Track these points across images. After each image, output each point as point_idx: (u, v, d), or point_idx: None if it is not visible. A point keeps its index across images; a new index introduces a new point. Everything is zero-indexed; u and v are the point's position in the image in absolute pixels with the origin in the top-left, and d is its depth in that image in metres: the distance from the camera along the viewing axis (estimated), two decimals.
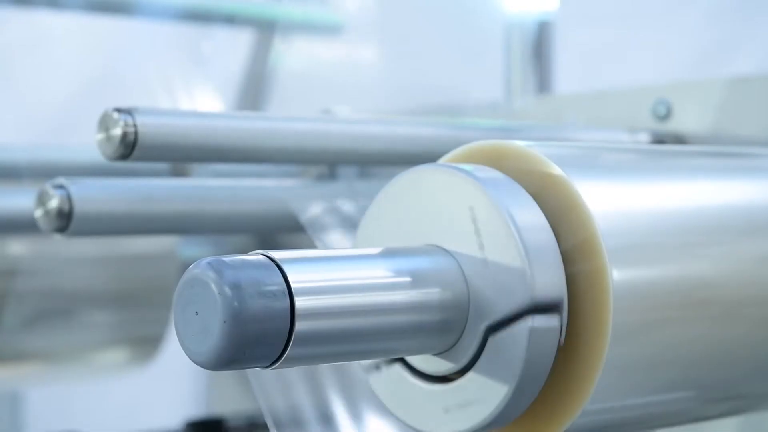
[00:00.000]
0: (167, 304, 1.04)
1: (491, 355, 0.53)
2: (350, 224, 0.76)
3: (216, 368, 0.49)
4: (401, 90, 1.28)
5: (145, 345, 1.06)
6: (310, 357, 0.51)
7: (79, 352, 1.05)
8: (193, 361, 0.50)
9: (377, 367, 0.58)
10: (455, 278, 0.54)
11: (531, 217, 0.54)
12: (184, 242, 1.05)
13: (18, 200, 0.83)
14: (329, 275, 0.51)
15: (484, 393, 0.54)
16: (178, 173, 0.89)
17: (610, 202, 0.56)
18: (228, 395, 1.18)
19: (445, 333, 0.54)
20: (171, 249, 1.03)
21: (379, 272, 0.53)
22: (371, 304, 0.52)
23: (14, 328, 0.97)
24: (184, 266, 1.05)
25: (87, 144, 0.83)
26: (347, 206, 0.77)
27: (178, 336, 0.50)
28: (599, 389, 0.54)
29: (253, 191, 0.78)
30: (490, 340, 0.53)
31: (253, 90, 1.24)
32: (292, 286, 0.50)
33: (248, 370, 0.74)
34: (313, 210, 0.76)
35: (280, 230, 0.82)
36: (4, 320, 0.97)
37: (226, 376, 1.19)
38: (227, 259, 0.49)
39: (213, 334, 0.49)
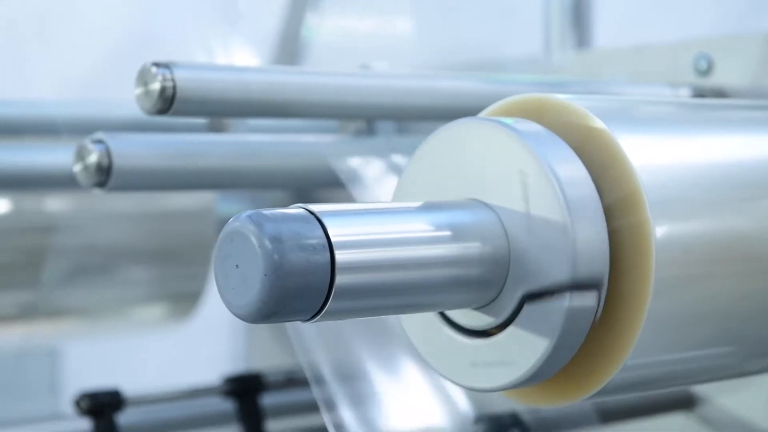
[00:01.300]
0: (205, 261, 1.04)
1: (531, 311, 0.53)
2: (388, 180, 0.76)
3: (256, 321, 0.49)
4: (439, 47, 1.27)
5: (184, 301, 1.06)
6: (350, 311, 0.51)
7: (117, 309, 1.05)
8: (234, 314, 0.50)
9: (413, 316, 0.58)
10: (496, 233, 0.54)
11: (573, 171, 0.54)
12: (222, 198, 1.05)
13: (56, 156, 0.83)
14: (369, 229, 0.51)
15: (522, 349, 0.53)
16: (215, 129, 0.89)
17: (652, 155, 0.56)
18: (266, 351, 1.18)
19: (485, 288, 0.54)
20: (208, 205, 1.03)
21: (420, 226, 0.53)
22: (411, 258, 0.52)
23: (53, 285, 0.98)
24: (222, 222, 1.06)
25: (125, 100, 0.83)
26: (385, 162, 0.77)
27: (218, 289, 0.50)
28: (640, 344, 0.54)
29: (291, 147, 0.78)
30: (531, 298, 0.53)
31: (289, 48, 1.24)
32: (333, 239, 0.49)
33: (288, 325, 0.75)
34: (351, 165, 0.76)
35: (318, 186, 0.82)
36: (43, 276, 0.98)
37: (264, 332, 1.19)
38: (267, 212, 0.49)
39: (253, 287, 0.49)
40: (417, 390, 0.80)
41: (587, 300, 0.53)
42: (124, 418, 0.93)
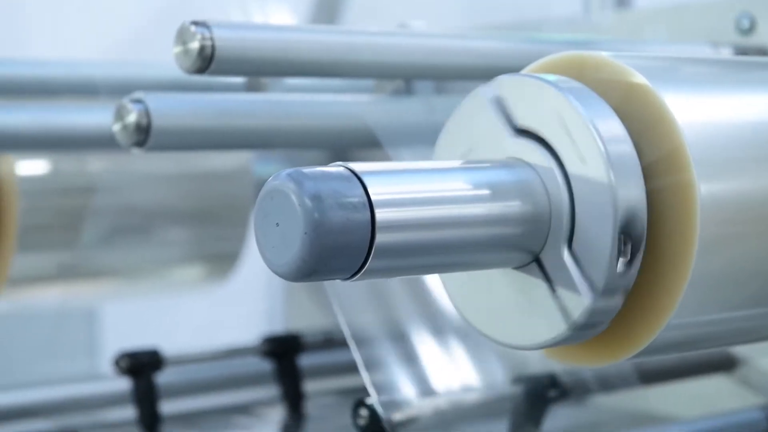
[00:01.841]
0: (243, 222, 1.05)
1: (573, 270, 0.53)
2: (427, 140, 0.75)
3: (296, 279, 0.49)
4: (478, 7, 1.26)
5: (221, 262, 1.06)
6: (390, 270, 0.51)
7: (155, 269, 1.05)
8: (274, 272, 0.50)
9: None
10: (537, 191, 0.53)
11: (614, 129, 0.53)
12: (259, 159, 1.04)
13: (95, 116, 0.83)
14: (409, 187, 0.51)
15: (564, 308, 0.53)
16: (253, 89, 0.88)
17: (695, 113, 0.55)
18: (303, 312, 1.18)
19: (525, 247, 0.54)
20: (246, 166, 1.03)
21: (460, 185, 0.52)
22: (451, 217, 0.51)
23: (92, 245, 0.98)
24: (259, 183, 1.05)
25: (163, 61, 0.83)
26: (423, 121, 0.77)
27: (258, 247, 0.50)
28: (683, 304, 0.53)
29: (329, 106, 0.78)
30: (572, 256, 0.53)
31: (327, 6, 1.23)
32: (373, 198, 0.49)
33: (326, 285, 0.75)
34: (389, 125, 0.76)
35: (356, 146, 0.82)
36: (81, 237, 0.98)
37: (302, 293, 1.19)
38: (307, 170, 0.49)
39: (293, 245, 0.48)
40: (455, 350, 0.80)
41: (628, 258, 0.52)
42: (163, 377, 0.94)
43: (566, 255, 0.53)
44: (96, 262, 1.00)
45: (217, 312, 1.39)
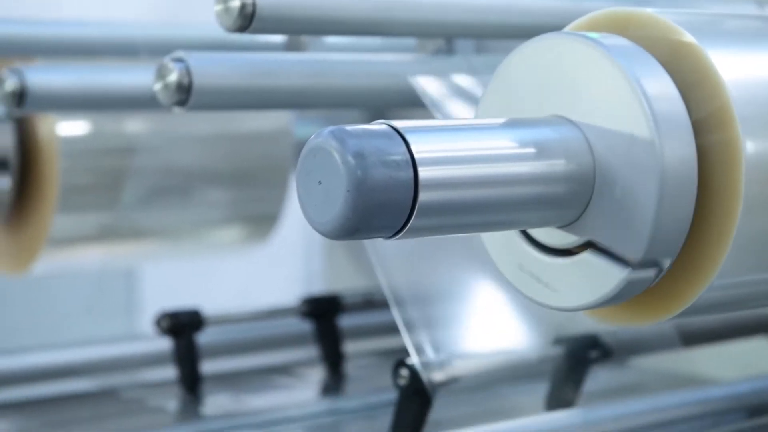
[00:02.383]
0: (282, 183, 1.05)
1: (618, 229, 0.52)
2: (468, 99, 0.75)
3: (339, 238, 0.49)
4: None
5: (261, 223, 1.06)
6: (433, 228, 0.51)
7: (195, 230, 1.06)
8: (317, 231, 0.50)
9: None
10: (581, 150, 0.53)
11: (661, 86, 0.53)
12: (299, 120, 1.04)
13: (136, 76, 0.83)
14: (452, 145, 0.51)
15: (609, 267, 0.53)
16: (293, 48, 0.88)
17: (742, 71, 0.54)
18: (343, 274, 1.18)
19: (569, 206, 0.53)
20: (286, 127, 1.03)
21: (503, 143, 0.52)
22: (495, 176, 0.51)
23: (132, 206, 0.98)
24: (299, 145, 1.05)
25: (203, 21, 0.83)
26: (465, 81, 0.76)
27: (301, 206, 0.50)
28: (728, 263, 0.53)
29: (369, 66, 0.77)
30: (617, 215, 0.52)
31: None
32: (416, 156, 0.49)
33: (368, 246, 0.74)
34: (430, 85, 0.75)
35: (397, 105, 0.82)
36: (122, 198, 0.98)
37: (341, 254, 1.20)
38: (350, 128, 0.49)
39: (336, 203, 0.48)
40: (496, 311, 0.79)
41: (679, 193, 0.52)
42: (203, 337, 0.94)
43: (611, 214, 0.52)
44: (136, 223, 1.00)
45: (257, 273, 1.39)
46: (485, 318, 0.79)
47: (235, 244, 1.09)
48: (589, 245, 0.53)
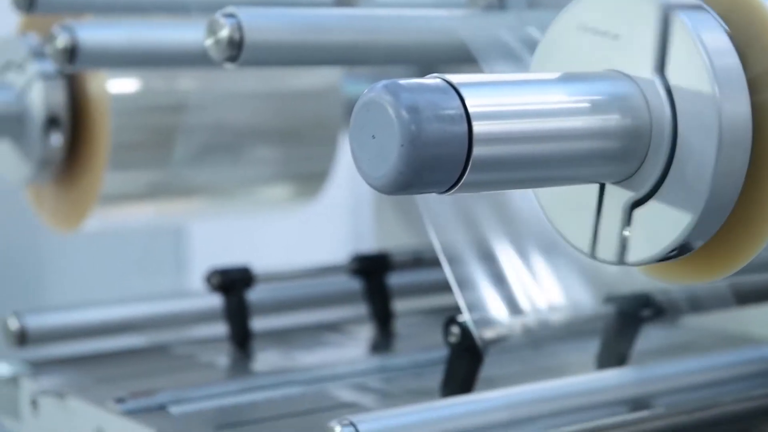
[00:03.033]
0: (332, 141, 1.04)
1: (674, 183, 0.52)
2: (520, 54, 0.74)
3: (392, 192, 0.49)
4: None
5: (310, 181, 1.06)
6: (487, 183, 0.50)
7: (244, 188, 1.06)
8: (370, 186, 0.49)
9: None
10: (637, 104, 0.52)
11: (719, 41, 0.52)
12: (349, 78, 1.04)
13: (187, 32, 0.83)
14: (507, 100, 0.50)
15: (666, 222, 0.52)
16: (343, 3, 0.88)
17: None
18: (392, 232, 1.18)
19: (625, 161, 0.53)
20: (335, 85, 1.03)
21: (559, 97, 0.51)
22: (550, 130, 0.51)
23: (182, 163, 0.99)
24: (349, 102, 1.05)
25: None
26: (517, 35, 0.75)
27: (354, 160, 0.50)
28: None
29: (421, 21, 0.77)
30: (673, 169, 0.52)
31: None
32: (470, 110, 0.48)
33: (420, 203, 0.74)
34: (482, 40, 0.75)
35: (448, 61, 0.81)
36: (172, 155, 0.98)
37: (390, 213, 1.19)
38: (404, 82, 0.48)
39: (390, 158, 0.48)
40: (546, 269, 0.79)
41: (736, 148, 0.51)
42: (253, 294, 0.95)
43: (667, 169, 0.52)
44: (186, 180, 1.00)
45: (306, 230, 1.39)
46: (537, 275, 0.78)
47: (285, 202, 1.09)
48: (645, 200, 0.53)
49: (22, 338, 0.91)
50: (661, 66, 0.52)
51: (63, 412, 0.83)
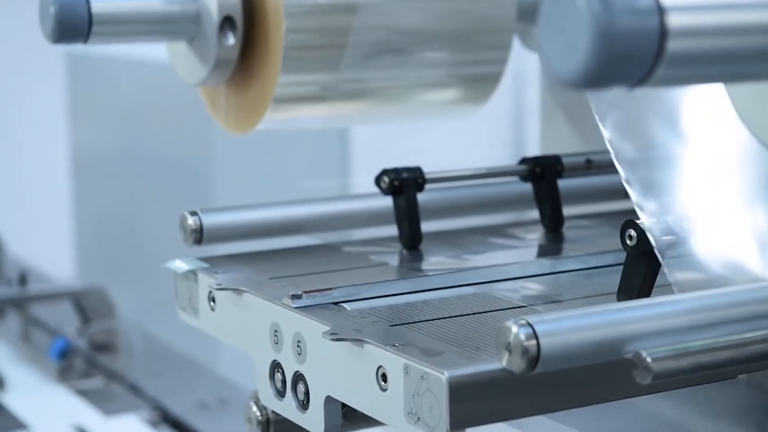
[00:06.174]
0: (504, 44, 1.03)
1: None
2: None
3: (581, 87, 0.48)
4: None
5: (481, 85, 1.06)
6: (678, 78, 0.49)
7: (415, 91, 1.05)
8: (557, 80, 0.49)
9: None
10: None
11: None
12: None
13: None
14: None
15: None
16: None
17: None
18: (560, 138, 1.17)
19: None
20: None
21: None
22: (746, 23, 0.49)
23: (353, 66, 0.99)
24: (521, 6, 1.04)
25: None
26: None
27: (542, 55, 0.49)
28: None
29: None
30: None
31: None
32: (663, 2, 0.47)
33: (594, 104, 0.73)
34: None
35: None
36: (343, 57, 0.98)
37: (559, 118, 1.18)
38: None
39: (579, 52, 0.47)
40: (728, 174, 0.77)
41: None
42: (423, 196, 0.95)
43: None
44: (356, 83, 1.00)
45: (475, 134, 1.39)
46: (717, 181, 0.77)
47: (454, 107, 1.09)
48: None
49: (199, 236, 0.93)
50: None
51: (239, 308, 0.84)
